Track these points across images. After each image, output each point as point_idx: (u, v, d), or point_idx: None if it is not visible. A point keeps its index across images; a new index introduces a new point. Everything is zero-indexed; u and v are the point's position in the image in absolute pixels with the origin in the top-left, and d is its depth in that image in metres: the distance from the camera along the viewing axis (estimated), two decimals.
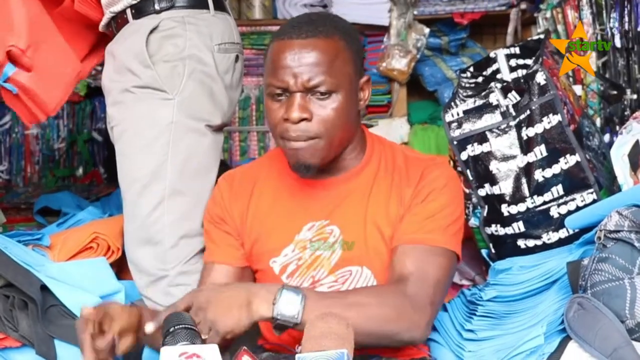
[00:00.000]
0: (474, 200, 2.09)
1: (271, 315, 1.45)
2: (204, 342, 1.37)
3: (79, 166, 4.02)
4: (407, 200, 1.66)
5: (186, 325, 1.36)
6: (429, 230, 1.63)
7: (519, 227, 2.00)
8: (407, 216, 1.65)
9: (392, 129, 3.73)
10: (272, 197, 1.75)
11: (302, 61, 1.59)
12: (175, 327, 1.36)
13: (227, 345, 1.50)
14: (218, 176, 1.92)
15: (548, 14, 3.12)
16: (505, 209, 2.01)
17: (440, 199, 1.66)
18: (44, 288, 1.68)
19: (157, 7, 1.96)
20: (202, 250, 1.87)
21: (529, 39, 2.32)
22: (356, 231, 1.68)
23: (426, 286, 1.57)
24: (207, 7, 2.00)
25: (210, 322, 1.43)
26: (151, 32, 1.94)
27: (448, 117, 2.09)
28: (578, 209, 1.94)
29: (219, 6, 2.04)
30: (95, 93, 3.88)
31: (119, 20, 2.01)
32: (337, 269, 1.68)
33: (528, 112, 1.99)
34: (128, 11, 1.98)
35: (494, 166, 2.03)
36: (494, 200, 2.03)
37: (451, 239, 1.65)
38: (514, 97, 2.04)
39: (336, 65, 1.60)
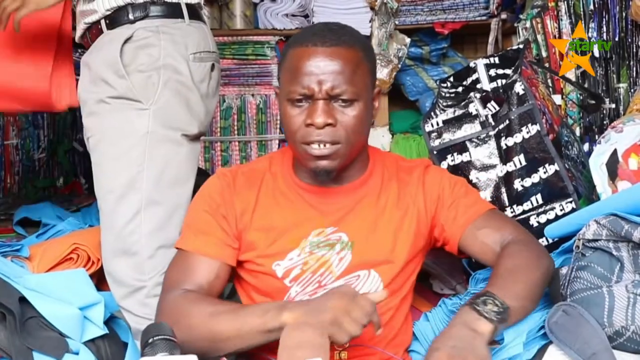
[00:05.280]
0: None
1: (493, 325, 1.46)
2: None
3: (59, 176, 3.99)
4: (428, 203, 1.76)
5: (165, 336, 1.35)
6: (473, 202, 1.75)
7: None
8: (447, 209, 1.75)
9: (374, 138, 3.75)
10: (279, 201, 1.75)
11: (327, 69, 1.61)
12: (154, 338, 1.35)
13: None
14: (195, 185, 1.91)
15: (528, 24, 3.14)
16: None
17: (457, 181, 1.79)
18: (23, 300, 1.66)
19: (131, 17, 1.95)
20: None
21: (508, 49, 2.34)
22: (365, 237, 1.71)
23: (519, 226, 1.76)
24: (181, 16, 2.00)
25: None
26: (125, 42, 1.93)
27: (428, 127, 2.10)
28: (557, 218, 1.96)
29: (194, 15, 2.04)
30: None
31: (93, 31, 2.01)
32: (345, 274, 1.70)
33: (507, 121, 2.00)
34: (102, 21, 1.98)
35: (473, 176, 2.04)
36: None
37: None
38: (493, 107, 2.05)
39: (357, 75, 1.64)
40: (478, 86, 2.16)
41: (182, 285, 1.67)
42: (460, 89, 2.16)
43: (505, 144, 2.01)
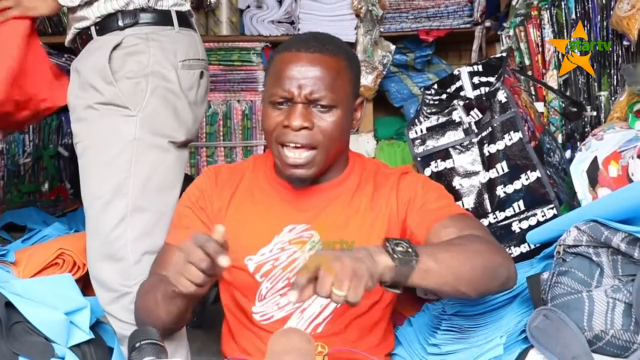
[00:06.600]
0: None
1: (393, 263, 1.40)
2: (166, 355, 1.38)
3: (44, 181, 3.98)
4: (400, 206, 1.74)
5: (152, 341, 1.36)
6: (443, 206, 1.72)
7: None
8: (416, 212, 1.73)
9: (359, 144, 3.77)
10: (255, 197, 1.79)
11: (308, 74, 1.65)
12: (141, 342, 1.36)
13: None
14: (182, 192, 1.92)
15: (511, 32, 3.18)
16: None
17: (432, 187, 1.78)
18: (9, 305, 1.67)
19: (120, 23, 1.96)
20: None
21: (492, 57, 2.36)
22: (335, 236, 1.73)
23: (488, 231, 1.73)
24: (171, 23, 2.01)
25: (350, 268, 1.34)
26: (114, 48, 1.93)
27: (412, 134, 2.12)
28: (539, 224, 1.97)
29: (184, 23, 2.05)
30: (61, 108, 3.84)
31: (83, 37, 2.01)
32: None
33: (490, 129, 2.02)
34: (92, 28, 1.98)
35: (457, 182, 2.06)
36: None
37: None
38: (476, 114, 2.07)
39: (338, 82, 1.67)
40: (461, 94, 2.17)
41: (159, 272, 1.74)
42: (444, 96, 2.17)
43: (488, 151, 2.03)
